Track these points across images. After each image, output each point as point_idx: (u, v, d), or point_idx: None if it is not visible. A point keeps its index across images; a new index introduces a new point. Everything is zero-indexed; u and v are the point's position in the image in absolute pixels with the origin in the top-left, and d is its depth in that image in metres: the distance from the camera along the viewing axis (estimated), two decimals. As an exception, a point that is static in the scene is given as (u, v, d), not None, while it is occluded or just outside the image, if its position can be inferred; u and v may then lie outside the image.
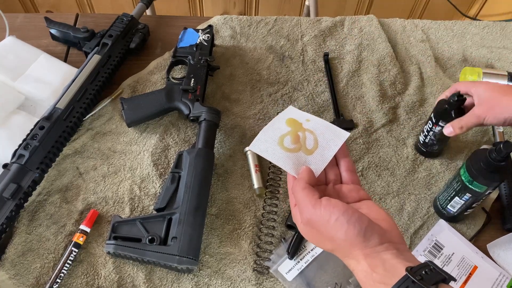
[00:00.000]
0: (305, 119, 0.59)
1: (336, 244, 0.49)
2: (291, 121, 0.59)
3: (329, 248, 0.51)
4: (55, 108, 0.76)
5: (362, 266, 0.47)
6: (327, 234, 0.49)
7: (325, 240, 0.49)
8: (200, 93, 0.81)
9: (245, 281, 0.67)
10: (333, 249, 0.50)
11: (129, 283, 0.66)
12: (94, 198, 0.73)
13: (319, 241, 0.51)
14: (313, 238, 0.51)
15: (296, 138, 0.57)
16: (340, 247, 0.49)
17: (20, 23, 0.95)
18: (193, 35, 0.89)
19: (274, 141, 0.56)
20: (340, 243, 0.48)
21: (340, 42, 0.96)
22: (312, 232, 0.51)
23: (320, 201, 0.49)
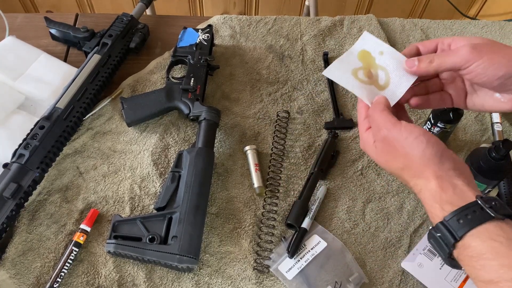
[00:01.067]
0: (379, 52, 0.58)
1: (410, 161, 0.49)
2: (364, 55, 0.58)
3: (400, 166, 0.50)
4: (55, 107, 0.76)
5: (432, 185, 0.47)
6: (403, 150, 0.49)
7: (399, 156, 0.50)
8: (200, 93, 0.81)
9: (245, 280, 0.67)
10: (404, 166, 0.50)
11: (129, 282, 0.66)
12: (94, 197, 0.74)
13: (390, 158, 0.51)
14: (385, 155, 0.52)
15: (369, 74, 0.57)
16: (413, 165, 0.49)
17: (20, 23, 0.95)
18: (193, 35, 0.89)
19: (348, 71, 0.57)
20: (415, 160, 0.48)
21: (340, 41, 0.97)
22: (386, 149, 0.51)
23: (400, 122, 0.51)
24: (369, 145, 0.54)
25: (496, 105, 0.56)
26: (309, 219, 0.72)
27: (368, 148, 0.54)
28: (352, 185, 0.78)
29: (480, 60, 0.52)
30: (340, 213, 0.75)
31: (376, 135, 0.53)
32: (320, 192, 0.75)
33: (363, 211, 0.75)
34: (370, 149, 0.54)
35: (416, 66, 0.55)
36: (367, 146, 0.54)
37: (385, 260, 0.71)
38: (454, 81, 0.59)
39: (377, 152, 0.53)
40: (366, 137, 0.54)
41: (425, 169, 0.48)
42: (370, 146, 0.54)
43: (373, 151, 0.53)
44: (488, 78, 0.52)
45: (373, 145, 0.53)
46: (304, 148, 0.81)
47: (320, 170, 0.76)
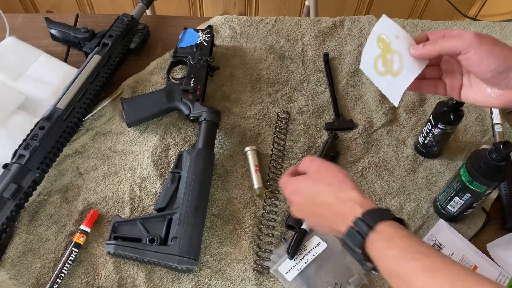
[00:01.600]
0: (395, 36, 0.59)
1: (338, 183, 0.57)
2: (381, 40, 0.61)
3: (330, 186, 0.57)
4: (55, 108, 0.76)
5: (353, 194, 0.55)
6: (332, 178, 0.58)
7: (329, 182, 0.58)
8: (200, 93, 0.81)
9: (245, 281, 0.67)
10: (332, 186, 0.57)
11: (129, 283, 0.66)
12: (94, 198, 0.73)
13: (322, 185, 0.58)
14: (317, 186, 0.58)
15: (385, 60, 0.61)
16: (340, 185, 0.57)
17: (20, 23, 0.95)
18: (193, 35, 0.89)
19: (371, 64, 0.63)
20: (342, 180, 0.57)
21: (340, 42, 0.97)
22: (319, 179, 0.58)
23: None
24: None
25: (487, 101, 0.59)
26: (309, 220, 0.71)
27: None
28: (352, 186, 0.78)
29: (479, 48, 0.54)
30: (340, 214, 0.74)
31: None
32: (320, 193, 0.75)
33: (363, 212, 0.75)
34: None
35: (421, 49, 0.58)
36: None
37: (385, 261, 0.71)
38: (453, 72, 0.62)
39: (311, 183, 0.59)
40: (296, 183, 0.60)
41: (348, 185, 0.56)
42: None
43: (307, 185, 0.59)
44: (482, 68, 0.55)
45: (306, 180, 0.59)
46: (304, 149, 0.81)
47: (320, 171, 0.76)
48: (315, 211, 0.57)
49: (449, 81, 0.62)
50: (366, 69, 0.64)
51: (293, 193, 0.60)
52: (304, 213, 0.60)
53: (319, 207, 0.56)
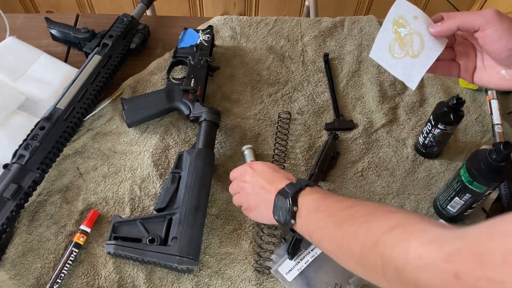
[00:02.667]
0: (413, 16, 0.59)
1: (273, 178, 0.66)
2: (398, 23, 0.60)
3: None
4: (56, 108, 0.76)
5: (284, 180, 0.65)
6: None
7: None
8: (200, 94, 0.81)
9: (245, 281, 0.67)
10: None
11: (129, 283, 0.66)
12: (94, 198, 0.73)
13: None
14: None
15: (404, 43, 0.61)
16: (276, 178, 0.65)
17: (20, 23, 0.95)
18: (193, 36, 0.89)
19: (386, 49, 0.62)
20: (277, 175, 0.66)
21: (340, 42, 0.97)
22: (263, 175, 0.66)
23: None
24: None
25: (501, 83, 0.59)
26: (309, 220, 0.71)
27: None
28: (352, 186, 0.78)
29: (499, 25, 0.54)
30: (340, 214, 0.74)
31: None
32: (320, 194, 0.75)
33: (363, 213, 0.75)
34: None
35: (440, 26, 0.58)
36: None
37: (385, 262, 0.71)
38: (468, 54, 0.62)
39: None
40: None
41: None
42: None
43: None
44: (500, 47, 0.55)
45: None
46: (304, 149, 0.81)
47: (320, 171, 0.76)
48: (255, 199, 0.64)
49: (463, 62, 0.62)
50: (378, 55, 0.63)
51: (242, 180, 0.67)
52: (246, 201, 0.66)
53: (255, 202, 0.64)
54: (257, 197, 0.64)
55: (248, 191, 0.65)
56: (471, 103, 0.89)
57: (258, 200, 0.64)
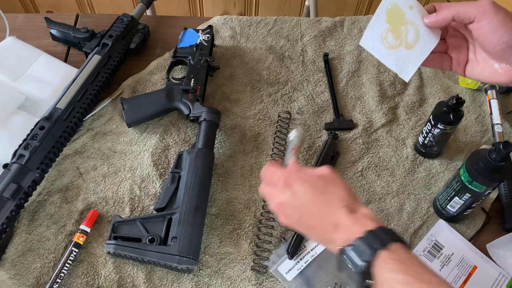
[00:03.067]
0: (408, 6, 0.57)
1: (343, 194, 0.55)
2: (393, 12, 0.58)
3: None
4: (56, 108, 0.76)
5: (365, 209, 0.53)
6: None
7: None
8: (200, 93, 0.81)
9: (245, 281, 0.67)
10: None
11: (129, 283, 0.66)
12: (94, 198, 0.73)
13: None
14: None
15: (398, 33, 0.58)
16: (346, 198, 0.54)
17: (20, 23, 0.95)
18: (193, 36, 0.89)
19: (379, 38, 0.59)
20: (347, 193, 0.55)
21: (340, 42, 0.97)
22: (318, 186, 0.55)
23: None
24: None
25: (494, 76, 0.57)
26: (309, 220, 0.71)
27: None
28: (352, 186, 0.78)
29: (494, 18, 0.52)
30: (340, 214, 0.74)
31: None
32: (320, 193, 0.75)
33: (363, 212, 0.75)
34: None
35: (435, 17, 0.56)
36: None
37: (385, 261, 0.71)
38: (460, 47, 0.60)
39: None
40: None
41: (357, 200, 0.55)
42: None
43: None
44: (494, 39, 0.53)
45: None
46: (304, 149, 0.81)
47: (320, 171, 0.76)
48: (311, 212, 0.54)
49: (455, 55, 0.61)
50: (370, 44, 0.61)
51: (286, 186, 0.55)
52: (298, 214, 0.55)
53: (317, 210, 0.53)
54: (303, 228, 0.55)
55: (288, 220, 0.55)
56: (470, 103, 0.89)
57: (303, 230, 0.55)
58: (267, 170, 0.59)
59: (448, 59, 0.62)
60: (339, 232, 0.51)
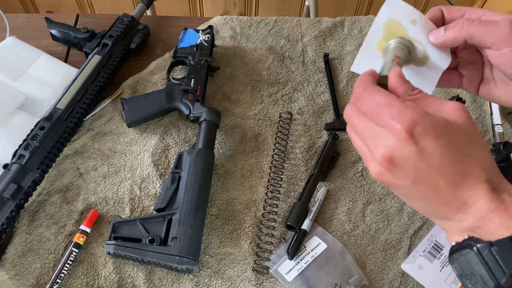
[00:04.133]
0: (411, 21, 0.46)
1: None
2: (392, 27, 0.47)
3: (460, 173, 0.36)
4: (56, 108, 0.76)
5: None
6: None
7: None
8: (200, 94, 0.81)
9: (245, 281, 0.67)
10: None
11: (129, 283, 0.66)
12: (94, 198, 0.73)
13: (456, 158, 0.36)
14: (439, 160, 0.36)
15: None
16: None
17: (20, 23, 0.95)
18: (193, 36, 0.89)
19: (377, 56, 0.48)
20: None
21: (340, 42, 0.97)
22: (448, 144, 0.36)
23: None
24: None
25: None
26: (309, 220, 0.72)
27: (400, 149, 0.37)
28: (352, 186, 0.78)
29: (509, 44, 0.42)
30: (340, 214, 0.75)
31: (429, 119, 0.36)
32: (320, 194, 0.75)
33: (363, 213, 0.75)
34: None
35: (442, 35, 0.45)
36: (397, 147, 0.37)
37: (385, 262, 0.71)
38: (473, 62, 0.49)
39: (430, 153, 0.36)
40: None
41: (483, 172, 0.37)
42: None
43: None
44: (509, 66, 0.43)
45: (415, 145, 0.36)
46: (304, 149, 0.81)
47: (320, 172, 0.76)
48: (436, 182, 0.37)
49: (467, 73, 0.50)
50: (365, 66, 0.51)
51: (409, 136, 0.36)
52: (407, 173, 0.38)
53: (445, 181, 0.36)
54: (416, 195, 0.39)
55: (398, 182, 0.39)
56: (471, 103, 0.89)
57: (417, 199, 0.40)
58: (371, 94, 0.40)
59: (457, 76, 0.51)
60: (466, 213, 0.36)
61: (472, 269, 0.34)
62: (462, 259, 0.35)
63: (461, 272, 0.35)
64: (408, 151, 0.36)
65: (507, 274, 0.32)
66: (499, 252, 0.32)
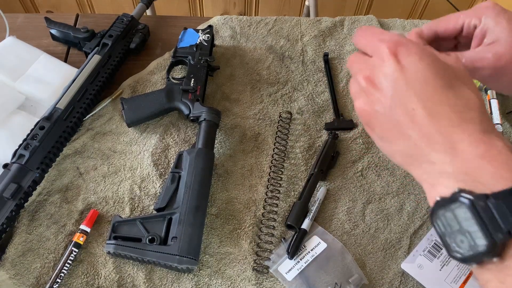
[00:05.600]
0: None
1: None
2: None
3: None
4: (55, 108, 0.76)
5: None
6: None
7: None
8: (200, 93, 0.81)
9: (245, 280, 0.67)
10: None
11: (129, 283, 0.66)
12: (94, 198, 0.74)
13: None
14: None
15: None
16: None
17: (20, 23, 0.95)
18: (193, 35, 0.89)
19: None
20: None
21: (340, 42, 0.97)
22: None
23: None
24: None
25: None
26: (309, 220, 0.72)
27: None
28: (352, 186, 0.78)
29: (503, 77, 0.41)
30: (340, 214, 0.75)
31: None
32: (320, 193, 0.75)
33: (363, 212, 0.75)
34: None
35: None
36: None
37: (385, 261, 0.71)
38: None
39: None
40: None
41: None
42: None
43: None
44: (504, 86, 0.42)
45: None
46: (304, 149, 0.81)
47: (320, 171, 0.76)
48: (418, 105, 0.34)
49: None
50: None
51: (392, 54, 0.36)
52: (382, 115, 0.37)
53: (429, 107, 0.34)
54: (394, 129, 0.36)
55: (377, 109, 0.37)
56: (471, 102, 0.89)
57: (394, 134, 0.37)
58: (368, 30, 0.41)
59: None
60: (449, 153, 0.33)
61: (460, 227, 0.31)
62: (448, 215, 0.31)
63: (444, 231, 0.32)
64: (389, 69, 0.36)
65: (505, 230, 0.29)
66: (496, 206, 0.29)
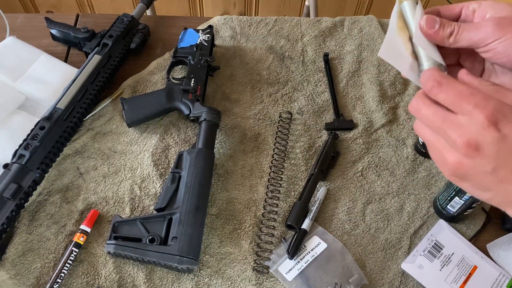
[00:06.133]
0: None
1: None
2: (403, 29, 0.48)
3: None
4: (56, 108, 0.76)
5: None
6: None
7: None
8: (201, 93, 0.81)
9: (245, 281, 0.67)
10: None
11: (129, 283, 0.66)
12: (94, 198, 0.74)
13: None
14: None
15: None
16: None
17: (20, 23, 0.95)
18: (193, 36, 0.89)
19: (398, 46, 0.48)
20: None
21: (340, 42, 0.97)
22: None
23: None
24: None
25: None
26: (309, 220, 0.72)
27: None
28: (352, 186, 0.78)
29: (503, 37, 0.43)
30: (340, 214, 0.75)
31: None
32: (320, 193, 0.75)
33: (363, 212, 0.75)
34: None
35: (435, 31, 0.46)
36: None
37: (385, 262, 0.71)
38: (474, 55, 0.50)
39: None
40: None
41: None
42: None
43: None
44: (509, 58, 0.45)
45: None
46: (304, 149, 0.81)
47: (320, 171, 0.77)
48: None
49: (469, 65, 0.51)
50: (390, 53, 0.49)
51: (490, 122, 0.38)
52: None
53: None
54: (494, 182, 0.40)
55: (478, 169, 0.40)
56: (471, 103, 0.89)
57: (495, 186, 0.41)
58: (451, 83, 0.41)
59: (459, 70, 0.50)
60: None
61: None
62: None
63: None
64: (491, 137, 0.38)
65: None
66: None
